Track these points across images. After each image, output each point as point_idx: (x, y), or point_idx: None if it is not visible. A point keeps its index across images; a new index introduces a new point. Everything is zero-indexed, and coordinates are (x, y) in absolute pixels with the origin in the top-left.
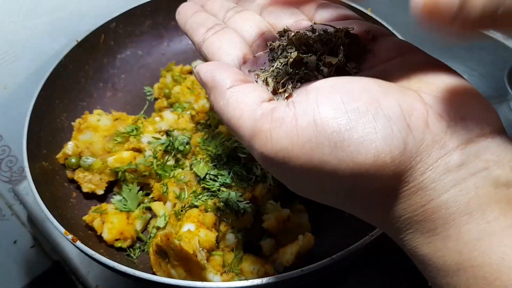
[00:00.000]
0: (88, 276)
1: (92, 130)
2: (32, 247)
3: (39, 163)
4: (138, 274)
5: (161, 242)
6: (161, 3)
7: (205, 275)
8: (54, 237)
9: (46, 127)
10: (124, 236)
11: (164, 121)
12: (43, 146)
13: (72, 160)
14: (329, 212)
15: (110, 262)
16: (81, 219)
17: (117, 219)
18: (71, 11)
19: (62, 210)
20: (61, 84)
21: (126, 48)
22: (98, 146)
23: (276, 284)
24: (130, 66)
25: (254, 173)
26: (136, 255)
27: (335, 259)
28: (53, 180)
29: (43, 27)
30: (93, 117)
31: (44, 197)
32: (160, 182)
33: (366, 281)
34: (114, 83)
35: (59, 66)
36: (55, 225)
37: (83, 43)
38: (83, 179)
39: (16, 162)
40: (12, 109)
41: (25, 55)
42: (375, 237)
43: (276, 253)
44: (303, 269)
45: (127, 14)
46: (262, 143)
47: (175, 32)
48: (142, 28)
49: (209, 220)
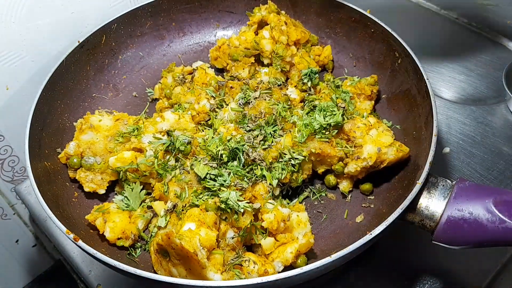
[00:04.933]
0: (90, 275)
1: (93, 130)
2: (34, 246)
3: (41, 163)
4: (139, 273)
5: (162, 241)
6: (161, 5)
7: (205, 274)
8: (55, 236)
9: (48, 127)
10: (126, 235)
11: (165, 121)
12: (45, 146)
13: (74, 160)
14: (328, 212)
15: (112, 261)
16: (83, 218)
17: (119, 218)
18: (73, 12)
19: (63, 210)
20: (63, 85)
21: (127, 49)
22: (100, 146)
23: (276, 283)
24: (131, 67)
25: (254, 173)
26: (137, 254)
27: (335, 258)
28: (55, 180)
29: (45, 28)
30: (94, 118)
31: (46, 197)
32: (161, 181)
33: (366, 280)
34: (115, 84)
35: (61, 67)
36: (56, 225)
37: (84, 44)
38: (85, 179)
39: (18, 162)
40: (14, 110)
41: (28, 56)
42: (375, 235)
43: (276, 252)
44: (303, 268)
45: (128, 15)
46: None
47: (176, 33)
48: (143, 29)
49: (209, 219)
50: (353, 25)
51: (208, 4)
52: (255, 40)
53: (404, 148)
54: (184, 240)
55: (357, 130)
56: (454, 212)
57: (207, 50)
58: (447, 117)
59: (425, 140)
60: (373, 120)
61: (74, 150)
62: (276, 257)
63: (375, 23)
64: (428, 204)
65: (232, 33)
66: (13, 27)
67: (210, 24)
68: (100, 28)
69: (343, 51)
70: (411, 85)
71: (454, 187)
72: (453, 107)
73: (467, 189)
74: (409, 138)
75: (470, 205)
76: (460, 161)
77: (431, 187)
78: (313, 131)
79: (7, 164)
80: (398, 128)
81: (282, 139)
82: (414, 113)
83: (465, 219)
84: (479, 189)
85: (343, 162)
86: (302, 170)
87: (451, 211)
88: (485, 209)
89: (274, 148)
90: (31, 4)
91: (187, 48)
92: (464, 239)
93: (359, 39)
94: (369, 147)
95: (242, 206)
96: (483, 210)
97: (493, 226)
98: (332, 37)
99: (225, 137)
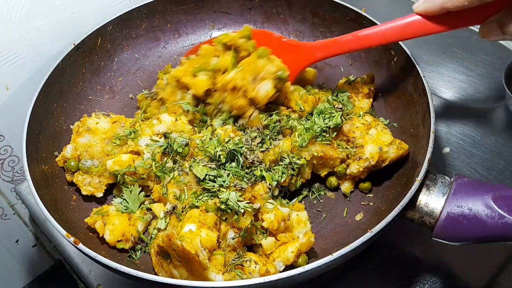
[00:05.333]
0: (90, 275)
1: (90, 133)
2: (34, 246)
3: (39, 166)
4: (141, 275)
5: (163, 242)
6: (156, 6)
7: (207, 275)
8: (55, 237)
9: (45, 130)
10: (126, 237)
11: (162, 124)
12: (42, 150)
13: (71, 163)
14: (328, 210)
15: (113, 263)
16: (82, 221)
17: (118, 220)
18: (73, 12)
19: (62, 213)
20: (59, 88)
21: (122, 51)
22: (97, 149)
23: (278, 283)
24: (127, 69)
25: (253, 174)
26: (137, 256)
27: (336, 256)
28: (53, 184)
29: (45, 28)
30: (91, 120)
31: (44, 200)
32: (160, 184)
33: (366, 279)
34: (111, 86)
35: (57, 70)
36: (56, 228)
37: (80, 46)
38: (82, 182)
39: (18, 162)
40: (14, 110)
41: (28, 56)
42: (375, 233)
43: (277, 251)
44: (305, 267)
45: (123, 17)
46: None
47: (171, 34)
48: (138, 31)
49: (210, 220)
50: (348, 24)
51: (203, 5)
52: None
53: (404, 145)
54: (185, 242)
55: (356, 130)
56: (454, 208)
57: None
58: (447, 117)
59: (423, 138)
60: (370, 119)
61: (71, 153)
62: (277, 256)
63: (371, 22)
64: (428, 201)
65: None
66: (13, 27)
67: (206, 25)
68: (95, 30)
69: None
70: (407, 83)
71: (453, 183)
72: (453, 107)
73: (466, 185)
74: (407, 136)
75: (469, 201)
76: (460, 161)
77: (430, 184)
78: (314, 135)
79: (7, 164)
80: (395, 126)
81: (281, 142)
82: (411, 110)
83: (465, 215)
84: (478, 185)
85: (345, 164)
86: (302, 174)
87: (451, 208)
88: (484, 205)
89: (272, 151)
90: (31, 4)
91: (182, 49)
92: (463, 235)
93: None
94: (370, 147)
95: (242, 207)
96: (482, 206)
97: (492, 222)
98: (328, 36)
99: (223, 139)
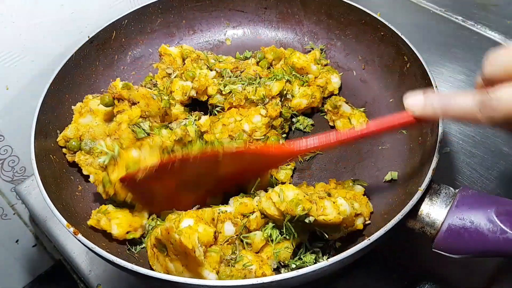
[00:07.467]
0: (90, 275)
1: (92, 114)
2: (34, 246)
3: (47, 156)
4: (136, 269)
5: (161, 235)
6: (172, 2)
7: (201, 271)
8: (55, 236)
9: (55, 120)
10: (134, 227)
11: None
12: (51, 140)
13: (73, 143)
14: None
15: (109, 255)
16: (85, 213)
17: (121, 214)
18: (73, 12)
19: (66, 203)
20: (71, 80)
21: (137, 45)
22: (99, 130)
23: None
24: (140, 63)
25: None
26: (137, 250)
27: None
28: (60, 175)
29: (45, 28)
30: (93, 101)
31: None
32: None
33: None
34: (124, 80)
35: (70, 62)
36: (57, 217)
37: (94, 39)
38: (84, 162)
39: (18, 162)
40: (14, 110)
41: (28, 56)
42: (373, 241)
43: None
44: (299, 271)
45: (139, 11)
46: None
47: (186, 31)
48: (153, 26)
49: (207, 215)
50: (362, 28)
51: (219, 3)
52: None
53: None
54: (184, 236)
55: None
56: (455, 220)
57: (216, 49)
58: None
59: (429, 146)
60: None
61: (73, 133)
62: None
63: (385, 26)
64: (430, 211)
65: (242, 32)
66: (13, 27)
67: (221, 23)
68: (110, 24)
69: (352, 54)
70: (419, 90)
71: (457, 195)
72: None
73: (470, 198)
74: (414, 144)
75: (471, 214)
76: (460, 161)
77: (433, 194)
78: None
79: (7, 164)
80: (404, 133)
81: (272, 82)
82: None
83: (466, 227)
84: (482, 198)
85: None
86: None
87: (452, 219)
88: (487, 219)
89: (263, 87)
90: (31, 4)
91: (196, 46)
92: (464, 248)
93: (369, 42)
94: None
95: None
96: (484, 220)
97: (494, 236)
98: (342, 39)
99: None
